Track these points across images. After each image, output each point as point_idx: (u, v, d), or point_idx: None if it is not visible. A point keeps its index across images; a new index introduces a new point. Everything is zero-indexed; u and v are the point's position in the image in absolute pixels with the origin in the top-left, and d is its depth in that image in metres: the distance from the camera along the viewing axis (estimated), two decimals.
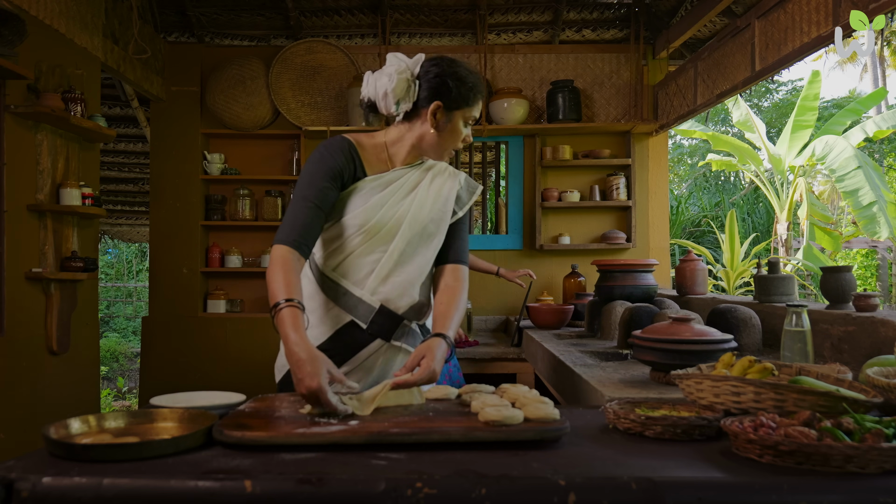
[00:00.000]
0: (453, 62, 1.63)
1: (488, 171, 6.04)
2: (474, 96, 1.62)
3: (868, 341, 1.82)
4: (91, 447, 1.00)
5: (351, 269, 1.62)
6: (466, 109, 1.62)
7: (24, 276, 3.02)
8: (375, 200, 1.60)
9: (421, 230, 1.63)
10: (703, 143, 13.38)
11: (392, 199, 1.62)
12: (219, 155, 4.62)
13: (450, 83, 1.59)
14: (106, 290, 11.31)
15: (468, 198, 1.77)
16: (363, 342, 1.63)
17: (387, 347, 1.64)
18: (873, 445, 0.91)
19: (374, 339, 1.63)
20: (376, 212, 1.60)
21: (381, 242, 1.61)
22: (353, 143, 1.64)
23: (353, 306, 1.61)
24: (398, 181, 1.64)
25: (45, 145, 3.11)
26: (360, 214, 1.59)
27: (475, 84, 1.62)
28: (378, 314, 1.61)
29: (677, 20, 4.26)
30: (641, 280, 2.90)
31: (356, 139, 1.66)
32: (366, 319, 1.61)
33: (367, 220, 1.59)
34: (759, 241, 10.06)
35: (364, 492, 0.88)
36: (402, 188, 1.64)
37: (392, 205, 1.61)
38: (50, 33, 3.18)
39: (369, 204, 1.60)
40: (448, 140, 1.64)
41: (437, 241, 1.68)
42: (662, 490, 0.87)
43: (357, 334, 1.62)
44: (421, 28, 4.69)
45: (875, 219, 6.62)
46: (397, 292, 1.62)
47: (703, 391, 1.22)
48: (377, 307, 1.61)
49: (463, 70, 1.62)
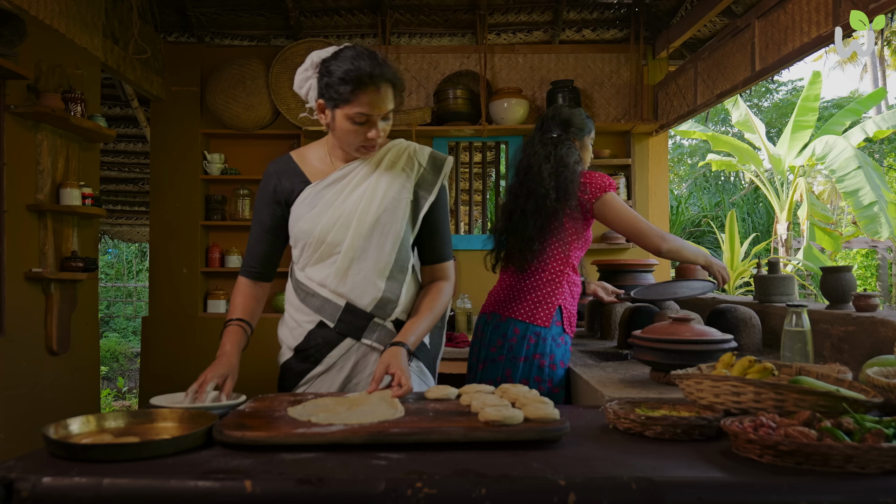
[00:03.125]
0: (338, 55, 1.50)
1: (488, 171, 6.04)
2: (352, 92, 1.46)
3: (868, 341, 1.82)
4: (91, 447, 1.00)
5: (314, 271, 1.63)
6: (346, 107, 1.48)
7: (24, 276, 3.01)
8: (322, 204, 1.60)
9: (372, 224, 1.58)
10: (703, 143, 13.38)
11: (338, 199, 1.59)
12: (219, 155, 4.62)
13: (323, 80, 1.50)
14: (106, 290, 11.31)
15: (435, 177, 1.65)
16: (333, 342, 1.63)
17: (358, 346, 1.64)
18: (873, 445, 0.91)
19: (344, 338, 1.63)
20: (322, 215, 1.59)
21: (333, 245, 1.59)
22: (293, 157, 1.67)
23: (320, 306, 1.62)
24: (344, 179, 1.61)
25: (45, 145, 3.11)
26: (308, 220, 1.60)
27: (354, 78, 1.45)
28: (344, 312, 1.61)
29: (677, 20, 4.26)
30: (641, 280, 2.90)
31: (299, 152, 1.69)
32: (333, 318, 1.61)
33: (315, 225, 1.59)
34: (759, 241, 10.05)
35: (364, 492, 0.88)
36: (349, 185, 1.60)
37: (338, 205, 1.59)
38: (50, 33, 3.18)
39: (315, 210, 1.60)
40: (345, 139, 1.54)
41: (395, 229, 1.60)
42: (662, 490, 0.87)
43: (327, 334, 1.63)
44: (421, 28, 4.69)
45: (875, 219, 6.63)
46: (359, 289, 1.60)
47: (703, 391, 1.22)
48: (343, 305, 1.61)
49: (340, 64, 1.47)
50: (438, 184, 1.66)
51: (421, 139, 4.46)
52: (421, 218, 1.65)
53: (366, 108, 1.48)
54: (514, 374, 2.12)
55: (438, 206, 1.67)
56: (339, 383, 1.64)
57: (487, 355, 2.19)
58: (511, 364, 2.13)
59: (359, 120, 1.50)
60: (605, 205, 2.14)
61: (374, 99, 1.48)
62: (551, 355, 2.12)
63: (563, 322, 2.16)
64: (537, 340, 2.12)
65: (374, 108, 1.49)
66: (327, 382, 1.64)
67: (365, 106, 1.48)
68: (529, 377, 2.11)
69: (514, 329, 2.14)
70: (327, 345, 1.63)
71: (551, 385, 2.11)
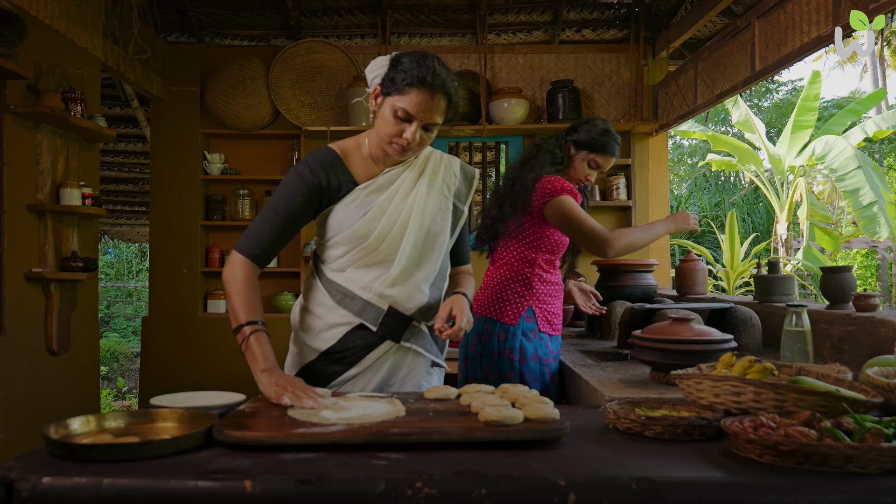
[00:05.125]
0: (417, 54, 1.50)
1: (488, 171, 6.04)
2: (408, 85, 1.45)
3: (868, 341, 1.82)
4: (91, 447, 1.00)
5: (359, 274, 1.60)
6: (396, 97, 1.47)
7: (24, 276, 3.02)
8: (375, 209, 1.57)
9: (427, 231, 1.60)
10: (703, 143, 13.38)
11: (392, 204, 1.58)
12: (219, 155, 4.62)
13: (391, 69, 1.50)
14: (106, 290, 11.30)
15: (467, 190, 1.70)
16: (372, 344, 1.62)
17: (396, 349, 1.64)
18: (873, 445, 0.91)
19: (384, 340, 1.62)
20: (377, 222, 1.56)
21: (388, 251, 1.58)
22: (339, 153, 1.60)
23: (362, 309, 1.59)
24: (395, 183, 1.59)
25: (45, 145, 3.11)
26: (363, 226, 1.56)
27: (416, 74, 1.45)
28: (387, 316, 1.60)
29: (677, 20, 4.26)
30: (641, 280, 2.90)
31: (342, 148, 1.62)
32: (375, 322, 1.60)
33: (370, 231, 1.56)
34: (759, 241, 10.05)
35: (364, 492, 0.88)
36: (401, 189, 1.59)
37: (393, 210, 1.57)
38: (50, 33, 3.18)
39: (368, 215, 1.56)
40: (382, 130, 1.52)
41: (442, 237, 1.64)
42: (662, 490, 0.87)
43: (366, 336, 1.61)
44: (421, 28, 4.69)
45: (875, 219, 6.63)
46: (405, 295, 1.60)
47: (703, 391, 1.22)
48: (386, 309, 1.60)
49: (412, 60, 1.48)
50: (471, 196, 1.71)
51: None
52: (459, 228, 1.69)
53: (412, 107, 1.46)
54: (492, 370, 2.16)
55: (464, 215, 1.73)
56: (375, 384, 1.62)
57: (468, 353, 2.24)
58: (488, 360, 2.17)
59: (401, 115, 1.48)
60: (552, 209, 2.13)
61: (425, 101, 1.46)
62: (522, 349, 2.15)
63: (536, 320, 2.18)
64: (506, 336, 2.16)
65: (421, 111, 1.47)
66: (361, 384, 1.62)
67: (413, 104, 1.46)
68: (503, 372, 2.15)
69: (486, 326, 2.19)
70: (366, 347, 1.61)
71: (524, 379, 2.14)
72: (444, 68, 1.50)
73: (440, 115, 1.50)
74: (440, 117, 1.51)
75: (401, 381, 1.65)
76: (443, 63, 1.52)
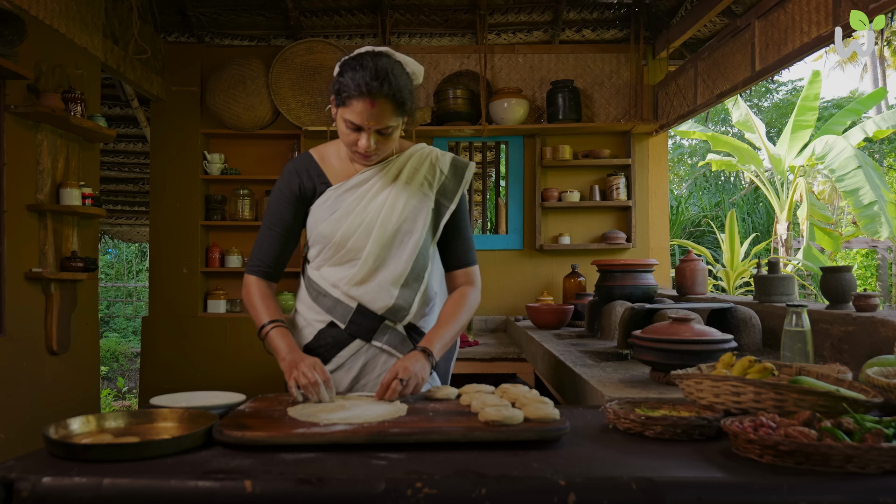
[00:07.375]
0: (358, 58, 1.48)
1: (488, 171, 6.04)
2: (348, 97, 1.45)
3: (868, 341, 1.82)
4: (91, 447, 1.00)
5: (330, 272, 1.63)
6: (342, 109, 1.48)
7: (24, 276, 3.01)
8: (342, 209, 1.59)
9: (393, 233, 1.59)
10: (703, 143, 13.38)
11: (359, 205, 1.58)
12: (219, 155, 4.62)
13: (337, 79, 1.49)
14: (106, 290, 11.31)
15: (457, 185, 1.65)
16: (343, 342, 1.63)
17: (367, 348, 1.63)
18: (873, 445, 0.91)
19: (354, 339, 1.63)
20: (343, 222, 1.58)
21: (353, 251, 1.59)
22: (315, 157, 1.65)
23: (332, 306, 1.62)
24: (366, 184, 1.60)
25: (45, 145, 3.10)
26: (328, 226, 1.59)
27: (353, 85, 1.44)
28: (356, 314, 1.61)
29: (677, 20, 4.26)
30: (641, 280, 2.90)
31: (320, 152, 1.67)
32: (343, 319, 1.61)
33: (335, 231, 1.58)
34: (759, 241, 10.05)
35: (364, 492, 0.88)
36: (371, 191, 1.59)
37: (359, 212, 1.58)
38: (50, 33, 3.18)
39: (335, 215, 1.59)
40: (343, 141, 1.54)
41: (414, 238, 1.60)
42: (662, 490, 0.87)
43: (337, 334, 1.63)
44: (421, 28, 4.69)
45: (875, 218, 6.63)
46: (372, 295, 1.60)
47: (703, 391, 1.22)
48: (354, 307, 1.61)
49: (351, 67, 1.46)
50: (460, 192, 1.65)
51: (421, 139, 4.46)
52: (442, 226, 1.65)
53: (357, 118, 1.46)
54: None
55: (460, 212, 1.67)
56: (347, 384, 1.64)
57: None
58: None
59: (350, 127, 1.49)
60: None
61: (366, 110, 1.45)
62: None
63: None
64: None
65: (365, 120, 1.46)
66: (335, 382, 1.63)
67: (356, 115, 1.46)
68: None
69: None
70: (337, 345, 1.63)
71: None
72: (383, 70, 1.45)
73: (388, 118, 1.47)
74: (389, 120, 1.48)
75: (374, 382, 1.63)
76: (385, 62, 1.47)
